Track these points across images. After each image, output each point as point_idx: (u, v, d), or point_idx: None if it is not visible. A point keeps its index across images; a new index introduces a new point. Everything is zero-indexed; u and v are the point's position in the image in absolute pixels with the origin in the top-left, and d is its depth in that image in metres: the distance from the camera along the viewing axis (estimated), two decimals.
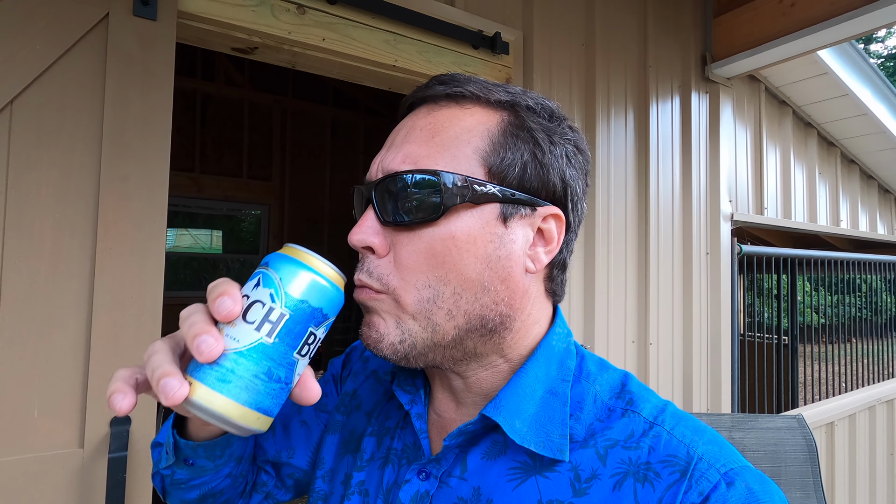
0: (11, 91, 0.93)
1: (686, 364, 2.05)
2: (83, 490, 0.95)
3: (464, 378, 0.45)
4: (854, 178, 3.32)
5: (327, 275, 0.39)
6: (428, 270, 0.41)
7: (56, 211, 0.96)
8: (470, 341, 0.43)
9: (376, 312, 0.42)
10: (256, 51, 1.27)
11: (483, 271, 0.41)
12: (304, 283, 0.37)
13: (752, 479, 0.37)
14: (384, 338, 0.42)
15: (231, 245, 4.05)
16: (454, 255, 0.41)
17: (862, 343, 3.17)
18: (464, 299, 0.41)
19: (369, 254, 0.42)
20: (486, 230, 0.41)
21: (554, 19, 1.74)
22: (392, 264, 0.42)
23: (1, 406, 0.90)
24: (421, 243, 0.41)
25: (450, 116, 0.43)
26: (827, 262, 2.80)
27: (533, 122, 0.44)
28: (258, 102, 4.10)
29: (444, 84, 0.45)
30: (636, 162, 1.94)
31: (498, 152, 0.42)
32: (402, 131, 0.45)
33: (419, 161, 0.41)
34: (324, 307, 0.38)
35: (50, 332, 0.95)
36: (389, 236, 0.42)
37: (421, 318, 0.41)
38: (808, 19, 1.90)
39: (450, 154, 0.41)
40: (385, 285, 0.41)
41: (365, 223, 0.42)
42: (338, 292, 0.39)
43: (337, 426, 0.56)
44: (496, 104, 0.44)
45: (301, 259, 0.38)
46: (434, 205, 0.40)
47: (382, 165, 0.43)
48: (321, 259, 0.39)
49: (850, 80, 2.70)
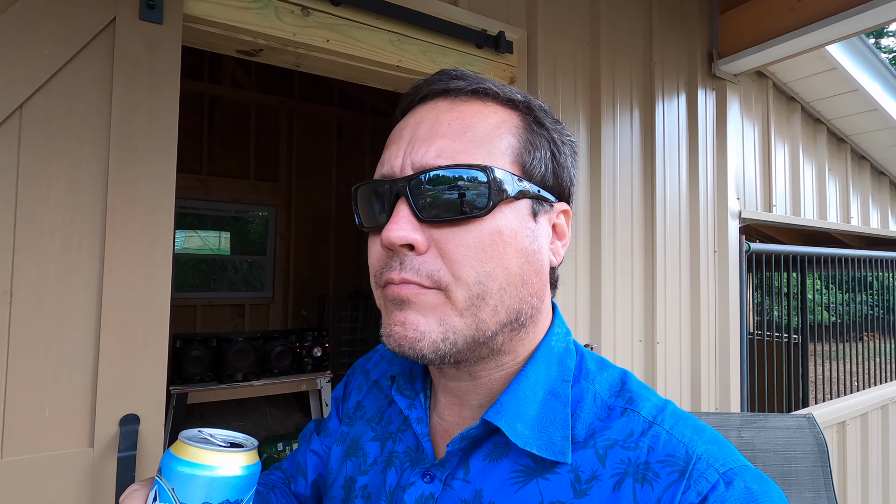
0: (21, 96, 0.94)
1: (694, 363, 2.04)
2: (93, 489, 0.96)
3: (475, 379, 0.45)
4: (865, 174, 3.28)
5: (225, 464, 0.38)
6: (477, 265, 0.40)
7: (65, 213, 0.97)
8: (501, 336, 0.43)
9: (415, 310, 0.40)
10: (261, 53, 1.28)
11: (523, 265, 0.42)
12: (201, 487, 0.37)
13: (751, 478, 0.37)
14: (425, 336, 0.40)
15: (239, 247, 4.08)
16: (501, 249, 0.41)
17: (874, 341, 3.13)
18: (507, 294, 0.41)
19: (407, 251, 0.41)
20: (523, 225, 0.42)
21: (558, 18, 1.73)
22: (440, 260, 0.40)
23: (13, 406, 0.92)
24: (469, 238, 0.40)
25: (476, 112, 0.43)
26: (838, 259, 2.77)
27: (548, 123, 0.46)
28: (265, 104, 4.13)
29: (462, 79, 0.45)
30: (642, 160, 1.93)
31: (528, 150, 0.43)
32: (423, 124, 0.43)
33: (456, 156, 0.41)
34: (230, 497, 0.38)
35: (60, 333, 0.96)
36: (428, 232, 0.41)
37: (468, 315, 0.40)
38: (815, 14, 1.88)
39: (485, 150, 0.41)
40: (437, 281, 0.40)
41: (401, 219, 0.40)
42: (245, 472, 0.39)
43: (343, 437, 0.57)
44: (514, 103, 0.45)
45: (192, 458, 0.37)
46: (482, 200, 0.40)
47: (412, 160, 0.41)
48: (217, 448, 0.38)
49: (860, 74, 2.66)
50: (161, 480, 0.38)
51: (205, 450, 0.38)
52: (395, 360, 0.57)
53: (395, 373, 0.52)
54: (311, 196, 4.28)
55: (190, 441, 0.39)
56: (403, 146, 0.43)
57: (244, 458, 0.40)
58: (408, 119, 0.46)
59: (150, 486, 0.40)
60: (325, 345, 3.34)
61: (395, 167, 0.43)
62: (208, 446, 0.39)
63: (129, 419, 0.99)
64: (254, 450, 0.41)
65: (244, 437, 0.43)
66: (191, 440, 0.39)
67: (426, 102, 0.46)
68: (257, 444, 0.42)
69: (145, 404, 1.01)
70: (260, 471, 0.42)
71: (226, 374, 2.97)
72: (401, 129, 0.45)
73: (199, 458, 0.38)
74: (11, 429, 0.91)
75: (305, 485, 0.61)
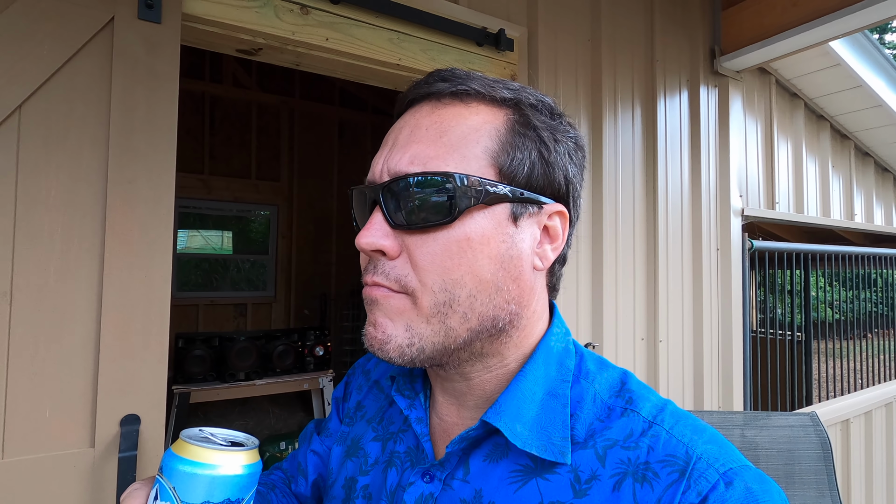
0: (20, 96, 0.94)
1: (697, 361, 2.03)
2: (94, 489, 0.96)
3: (467, 380, 0.45)
4: (869, 170, 3.26)
5: (226, 463, 0.38)
6: (444, 273, 0.40)
7: (65, 213, 0.97)
8: (479, 342, 0.42)
9: (385, 314, 0.41)
10: (261, 52, 1.28)
11: (497, 271, 0.41)
12: (202, 485, 0.37)
13: (751, 478, 0.37)
14: (391, 339, 0.41)
15: (241, 246, 4.08)
16: (469, 256, 0.40)
17: (878, 339, 3.11)
18: (478, 301, 0.41)
19: (380, 256, 0.41)
20: (498, 230, 0.41)
21: (559, 15, 1.72)
22: (409, 266, 0.41)
23: (13, 406, 0.92)
24: (436, 245, 0.40)
25: (455, 115, 0.42)
26: (841, 256, 2.75)
27: (537, 121, 0.43)
28: (266, 104, 4.13)
29: (446, 81, 0.44)
30: (644, 158, 1.92)
31: (507, 152, 0.41)
32: (405, 129, 0.43)
33: (428, 162, 0.40)
34: (231, 496, 0.38)
35: (60, 333, 0.96)
36: (400, 238, 0.41)
37: (435, 322, 0.40)
38: (818, 10, 1.86)
39: (459, 154, 0.40)
40: (404, 286, 0.40)
41: (373, 226, 0.41)
42: (246, 471, 0.39)
43: (344, 437, 0.57)
44: (500, 102, 0.43)
45: (193, 457, 0.37)
46: (448, 207, 0.39)
47: (388, 166, 0.42)
48: (219, 447, 0.39)
49: (864, 70, 2.64)
50: (162, 479, 0.38)
51: (206, 448, 0.38)
52: None
53: (395, 373, 0.52)
54: (312, 195, 4.28)
55: (191, 440, 0.39)
56: (385, 152, 0.43)
57: (245, 457, 0.40)
58: (395, 124, 0.46)
59: (151, 484, 0.41)
60: (328, 344, 3.35)
61: (375, 173, 0.43)
62: (210, 445, 0.39)
63: (129, 419, 0.99)
64: (254, 449, 0.41)
65: (245, 437, 0.43)
66: (192, 439, 0.39)
67: (412, 107, 0.45)
68: (258, 443, 0.42)
69: (146, 404, 1.01)
70: (261, 470, 0.42)
71: (228, 373, 2.97)
72: (388, 134, 0.45)
73: (201, 457, 0.38)
74: (12, 429, 0.91)
75: (306, 485, 0.61)
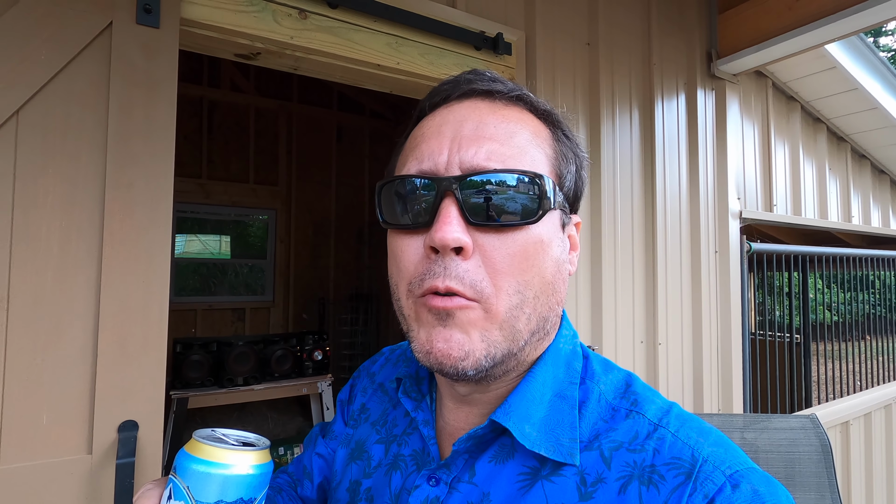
0: (17, 101, 0.93)
1: (696, 364, 2.03)
2: (92, 496, 0.95)
3: (486, 385, 0.44)
4: (865, 172, 3.27)
5: (239, 463, 0.38)
6: (518, 274, 0.39)
7: (62, 219, 0.97)
8: (529, 346, 0.42)
9: (459, 327, 0.38)
10: (259, 56, 1.28)
11: (555, 273, 0.42)
12: (215, 485, 0.37)
13: (758, 480, 0.36)
14: (469, 355, 0.38)
15: (239, 251, 4.07)
16: (541, 257, 0.40)
17: (877, 340, 3.11)
18: (540, 301, 0.41)
19: (453, 255, 0.38)
20: (556, 234, 0.42)
21: (556, 19, 1.73)
22: (482, 269, 0.38)
23: (10, 413, 0.91)
24: (515, 246, 0.39)
25: (518, 119, 0.43)
26: (839, 258, 2.76)
27: (571, 137, 0.46)
28: (264, 108, 4.13)
29: (501, 82, 0.44)
30: (642, 161, 1.92)
31: (561, 162, 0.44)
32: (468, 123, 0.41)
33: (506, 161, 0.40)
34: (244, 496, 0.38)
35: (58, 339, 0.95)
36: (473, 236, 0.39)
37: (506, 327, 0.39)
38: (814, 13, 1.88)
39: (530, 158, 0.41)
40: (479, 293, 0.38)
41: (452, 220, 0.38)
42: (258, 471, 0.39)
43: (348, 440, 0.57)
44: (542, 115, 0.45)
45: (207, 457, 0.38)
46: (533, 207, 0.40)
47: (461, 159, 0.39)
48: (231, 447, 0.39)
49: (860, 73, 2.66)
50: (176, 479, 0.38)
51: (220, 448, 0.38)
52: (401, 363, 0.57)
53: (402, 374, 0.52)
54: (310, 199, 4.28)
55: (205, 440, 0.39)
56: (447, 143, 0.41)
57: (257, 456, 0.40)
58: (444, 115, 0.43)
59: (165, 484, 0.40)
60: (326, 348, 3.34)
61: (439, 164, 0.40)
62: (223, 445, 0.39)
63: (127, 425, 0.99)
64: (266, 449, 0.41)
65: (256, 437, 0.43)
66: (205, 439, 0.40)
67: (465, 100, 0.44)
68: (269, 444, 0.43)
69: (144, 410, 1.01)
70: (272, 470, 0.42)
71: (226, 378, 2.96)
72: (438, 124, 0.43)
73: (214, 457, 0.38)
74: (9, 436, 0.90)
75: (311, 488, 0.60)
